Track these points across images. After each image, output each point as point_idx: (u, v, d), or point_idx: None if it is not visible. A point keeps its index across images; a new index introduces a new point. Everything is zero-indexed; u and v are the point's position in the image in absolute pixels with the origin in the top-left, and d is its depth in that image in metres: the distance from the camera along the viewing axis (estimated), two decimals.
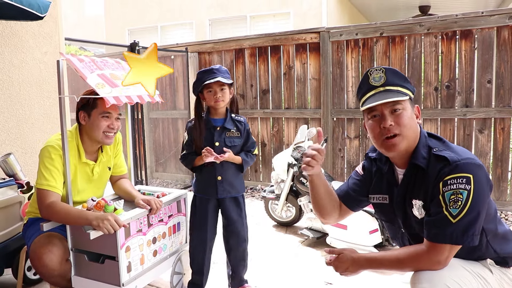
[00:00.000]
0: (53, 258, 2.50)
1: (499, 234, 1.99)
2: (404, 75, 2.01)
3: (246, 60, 6.84)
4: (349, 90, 6.02)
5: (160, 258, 2.90)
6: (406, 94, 1.94)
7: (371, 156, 2.27)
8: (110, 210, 2.55)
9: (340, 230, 4.02)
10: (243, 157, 3.02)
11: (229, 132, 2.99)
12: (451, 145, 1.96)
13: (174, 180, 7.72)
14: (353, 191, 2.32)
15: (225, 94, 2.94)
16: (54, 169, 2.58)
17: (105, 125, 2.69)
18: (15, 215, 3.26)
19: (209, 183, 3.01)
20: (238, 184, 3.08)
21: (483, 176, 1.83)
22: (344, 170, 6.20)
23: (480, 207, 1.79)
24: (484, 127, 5.17)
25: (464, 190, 1.77)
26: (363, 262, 2.00)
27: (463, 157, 1.84)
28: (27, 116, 4.26)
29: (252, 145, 3.10)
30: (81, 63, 2.51)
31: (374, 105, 1.94)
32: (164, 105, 7.71)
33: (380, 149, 2.02)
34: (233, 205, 3.07)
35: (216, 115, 3.03)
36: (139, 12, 12.90)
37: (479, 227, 1.81)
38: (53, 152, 2.60)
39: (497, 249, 1.97)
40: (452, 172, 1.81)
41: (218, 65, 3.03)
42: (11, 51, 4.11)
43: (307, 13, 10.51)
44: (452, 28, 5.23)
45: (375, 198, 2.22)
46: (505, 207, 5.12)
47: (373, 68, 2.01)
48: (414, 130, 1.96)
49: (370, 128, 2.01)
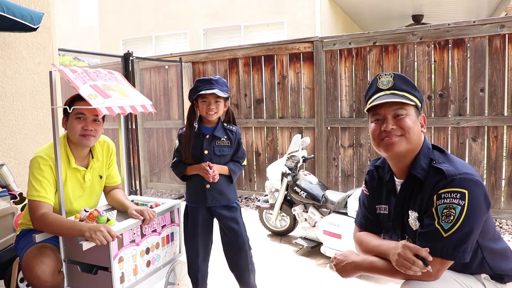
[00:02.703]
0: (45, 269, 2.48)
1: (496, 251, 1.96)
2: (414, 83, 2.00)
3: (240, 70, 6.86)
4: (342, 99, 6.04)
5: (154, 269, 2.88)
6: (412, 101, 1.94)
7: (376, 164, 2.24)
8: (103, 221, 2.54)
9: (335, 239, 4.01)
10: (230, 167, 3.01)
11: (219, 141, 2.99)
12: (453, 159, 1.93)
13: (168, 190, 7.70)
14: (370, 214, 2.25)
15: (219, 106, 2.95)
16: (44, 180, 2.57)
17: (79, 127, 2.66)
18: (7, 226, 3.23)
19: (198, 192, 3.02)
20: (229, 192, 3.06)
21: (480, 193, 1.79)
22: (339, 179, 6.21)
23: (474, 224, 1.77)
24: (478, 135, 5.20)
25: (458, 206, 1.75)
26: (359, 264, 2.01)
27: (460, 171, 1.81)
28: (20, 127, 4.24)
29: (242, 155, 3.10)
30: (73, 74, 2.51)
31: (378, 108, 1.94)
32: (158, 115, 7.71)
33: (378, 148, 2.00)
34: (227, 213, 3.07)
35: (208, 124, 3.03)
36: (133, 22, 12.92)
37: (472, 244, 1.79)
38: (42, 163, 2.59)
39: (492, 266, 1.94)
40: (447, 186, 1.80)
41: (218, 76, 3.02)
42: (4, 61, 4.10)
43: (300, 22, 10.56)
44: (445, 37, 5.27)
45: (378, 208, 2.21)
46: (499, 215, 5.13)
47: (382, 72, 2.02)
48: (417, 135, 1.94)
49: (371, 130, 2.01)
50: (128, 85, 2.88)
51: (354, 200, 3.92)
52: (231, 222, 3.07)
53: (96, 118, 2.72)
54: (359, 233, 2.25)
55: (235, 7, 11.48)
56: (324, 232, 4.11)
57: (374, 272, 1.98)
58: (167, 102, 7.60)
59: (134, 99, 2.72)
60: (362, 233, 2.22)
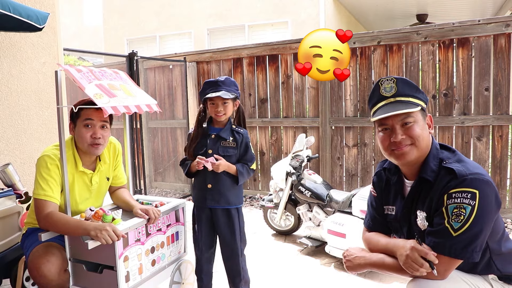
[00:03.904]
0: (51, 269, 2.49)
1: (504, 253, 1.96)
2: (416, 84, 1.99)
3: (244, 69, 6.86)
4: (347, 99, 6.04)
5: (159, 268, 2.89)
6: (417, 105, 1.93)
7: (383, 166, 2.24)
8: (108, 220, 2.55)
9: (339, 238, 4.01)
10: (238, 168, 2.98)
11: (224, 142, 2.99)
12: (463, 158, 1.93)
13: (173, 190, 7.71)
14: (378, 215, 2.25)
15: (227, 108, 2.95)
16: (50, 179, 2.58)
17: (88, 136, 2.65)
18: (13, 226, 3.25)
19: (200, 191, 3.03)
20: (231, 195, 3.02)
21: (491, 193, 1.79)
22: (343, 179, 6.20)
23: (483, 224, 1.77)
24: (482, 134, 5.18)
25: (468, 205, 1.75)
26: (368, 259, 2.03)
27: (471, 171, 1.81)
28: (25, 126, 4.26)
29: (250, 158, 3.06)
30: (79, 74, 2.52)
31: (384, 118, 1.93)
32: (163, 114, 7.72)
33: (389, 158, 2.01)
34: (224, 217, 3.04)
35: (217, 124, 3.05)
36: (137, 22, 12.95)
37: (481, 244, 1.79)
38: (49, 162, 2.59)
39: (500, 267, 1.94)
40: (458, 186, 1.80)
41: (225, 76, 3.02)
42: (10, 61, 4.12)
43: (305, 22, 10.56)
44: (449, 36, 5.26)
45: (386, 209, 2.21)
46: (504, 214, 5.12)
47: (384, 78, 2.00)
48: (426, 140, 1.95)
49: (380, 140, 2.00)
50: (133, 85, 2.88)
51: (358, 200, 3.92)
52: (228, 230, 3.04)
53: (104, 124, 2.71)
54: (367, 234, 2.25)
55: (239, 7, 11.49)
56: (328, 232, 4.11)
57: (382, 268, 1.98)
58: (172, 102, 7.61)
59: (139, 99, 2.72)
60: (371, 233, 2.22)
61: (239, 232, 3.07)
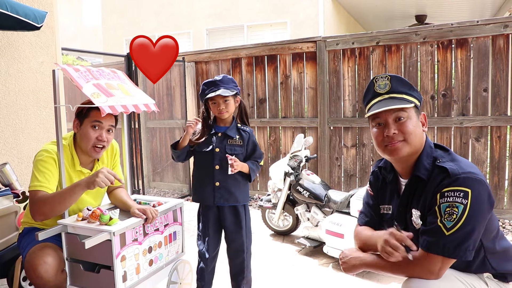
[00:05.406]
0: (48, 270, 2.48)
1: (499, 251, 1.96)
2: (411, 83, 2.01)
3: (243, 70, 6.85)
4: (345, 99, 6.04)
5: (156, 268, 2.88)
6: (411, 102, 1.94)
7: (379, 165, 2.25)
8: (106, 220, 2.54)
9: (337, 239, 4.01)
10: (250, 166, 3.01)
11: (231, 140, 3.00)
12: (457, 157, 1.94)
13: (171, 190, 7.70)
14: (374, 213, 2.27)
15: (229, 105, 2.97)
16: (47, 171, 2.56)
17: (94, 137, 2.65)
18: (10, 225, 3.24)
19: (207, 189, 3.02)
20: (239, 193, 3.04)
21: (483, 192, 1.80)
22: (341, 179, 6.20)
23: (476, 223, 1.77)
24: (481, 135, 5.18)
25: (460, 204, 1.76)
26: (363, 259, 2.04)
27: (464, 170, 1.82)
28: (23, 126, 4.25)
29: (259, 155, 3.10)
30: (76, 73, 2.52)
31: (378, 113, 1.95)
32: (161, 114, 7.71)
33: (383, 154, 2.02)
34: (231, 215, 3.06)
35: (222, 123, 3.06)
36: (136, 22, 12.94)
37: (474, 242, 1.79)
38: (46, 155, 2.59)
39: (495, 266, 1.95)
40: (451, 184, 1.80)
41: (223, 74, 3.03)
42: (8, 61, 4.12)
43: (303, 22, 10.56)
44: (448, 37, 5.26)
45: (382, 209, 2.22)
46: (502, 215, 5.12)
47: (378, 75, 2.02)
48: (419, 137, 1.96)
49: (374, 136, 2.02)
50: (131, 84, 2.88)
51: (356, 200, 3.91)
52: (234, 226, 3.08)
53: (111, 128, 2.72)
54: (357, 228, 2.29)
55: (239, 7, 11.48)
56: (326, 232, 4.11)
57: (376, 267, 1.99)
58: (170, 102, 7.60)
59: (137, 98, 2.72)
60: (361, 227, 2.26)
61: (245, 228, 3.12)
